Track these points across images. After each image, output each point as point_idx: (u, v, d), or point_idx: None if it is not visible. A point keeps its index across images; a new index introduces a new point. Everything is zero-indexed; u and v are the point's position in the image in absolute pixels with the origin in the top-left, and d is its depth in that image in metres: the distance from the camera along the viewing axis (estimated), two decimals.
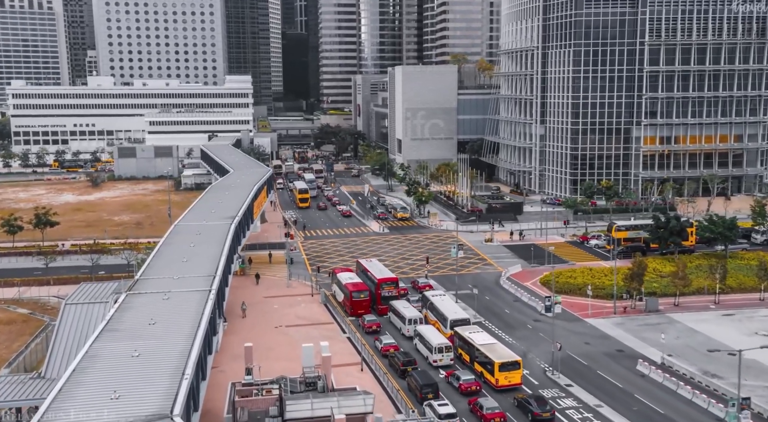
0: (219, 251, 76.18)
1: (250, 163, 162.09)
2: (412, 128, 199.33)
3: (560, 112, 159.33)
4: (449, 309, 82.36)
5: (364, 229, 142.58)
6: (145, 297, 60.53)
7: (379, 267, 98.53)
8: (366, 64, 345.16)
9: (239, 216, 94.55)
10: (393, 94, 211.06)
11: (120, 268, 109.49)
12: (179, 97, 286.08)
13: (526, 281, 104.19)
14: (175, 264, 71.13)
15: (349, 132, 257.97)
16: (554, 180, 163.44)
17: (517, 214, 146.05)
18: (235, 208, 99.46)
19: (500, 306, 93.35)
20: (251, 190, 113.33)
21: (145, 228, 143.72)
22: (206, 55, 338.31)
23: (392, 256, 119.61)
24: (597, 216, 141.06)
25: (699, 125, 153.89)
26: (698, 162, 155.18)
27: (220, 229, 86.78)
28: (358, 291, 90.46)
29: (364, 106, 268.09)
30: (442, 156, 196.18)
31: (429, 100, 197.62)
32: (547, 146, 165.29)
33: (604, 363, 74.62)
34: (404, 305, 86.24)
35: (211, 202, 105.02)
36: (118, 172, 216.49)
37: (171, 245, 79.31)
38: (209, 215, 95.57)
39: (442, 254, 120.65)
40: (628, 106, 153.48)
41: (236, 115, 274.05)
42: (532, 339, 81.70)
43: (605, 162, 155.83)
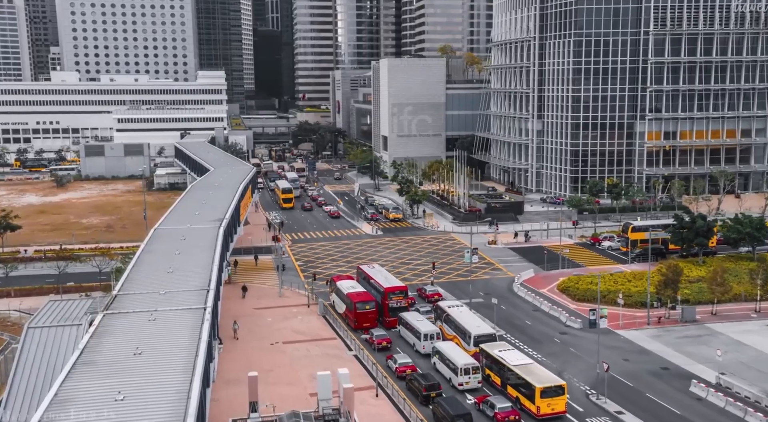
0: (209, 259, 65.77)
1: (231, 161, 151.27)
2: (399, 124, 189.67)
3: (559, 106, 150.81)
4: (471, 322, 72.76)
5: (355, 231, 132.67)
6: (126, 319, 50.03)
7: (384, 274, 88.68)
8: (342, 60, 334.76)
9: (227, 219, 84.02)
10: (377, 89, 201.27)
11: (91, 277, 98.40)
12: (149, 93, 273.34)
13: (542, 287, 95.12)
14: (159, 275, 60.59)
15: (329, 129, 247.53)
16: (553, 178, 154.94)
17: (518, 214, 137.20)
18: (221, 210, 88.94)
19: (520, 317, 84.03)
20: (237, 189, 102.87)
21: (117, 232, 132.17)
22: (176, 50, 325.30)
23: (390, 261, 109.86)
24: (602, 216, 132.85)
25: (705, 119, 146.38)
26: (705, 158, 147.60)
27: (208, 234, 76.27)
28: (363, 301, 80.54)
29: (344, 102, 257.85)
30: (430, 153, 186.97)
31: (416, 95, 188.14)
32: (544, 142, 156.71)
33: (651, 383, 65.57)
34: (417, 318, 76.50)
35: (193, 203, 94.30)
36: (85, 172, 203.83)
37: (152, 253, 68.59)
38: (193, 217, 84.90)
39: (445, 258, 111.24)
40: (632, 100, 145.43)
41: (209, 112, 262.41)
42: (563, 355, 72.47)
43: (607, 158, 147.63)
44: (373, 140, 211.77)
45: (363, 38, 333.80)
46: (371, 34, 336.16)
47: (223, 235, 76.38)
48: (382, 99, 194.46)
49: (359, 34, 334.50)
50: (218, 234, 76.38)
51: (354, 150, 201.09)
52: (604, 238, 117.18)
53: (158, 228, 79.90)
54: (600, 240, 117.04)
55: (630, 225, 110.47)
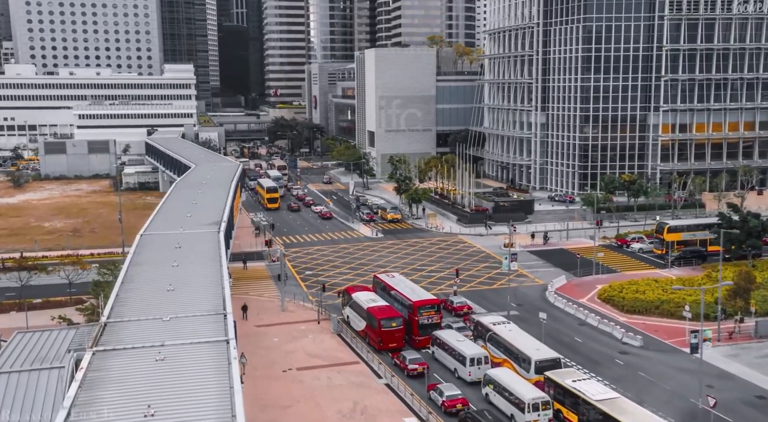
0: (216, 272, 53.14)
1: (213, 157, 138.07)
2: (387, 119, 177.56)
3: (566, 97, 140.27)
4: (527, 344, 61.10)
5: (352, 234, 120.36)
6: (125, 358, 37.29)
7: (409, 284, 76.69)
8: (315, 55, 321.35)
9: (225, 222, 71.18)
10: (362, 82, 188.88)
11: (58, 289, 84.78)
12: (112, 87, 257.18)
13: (580, 297, 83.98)
14: (157, 295, 47.82)
15: (306, 125, 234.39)
16: (558, 174, 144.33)
17: (528, 214, 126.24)
18: (216, 211, 76.15)
19: (566, 333, 72.65)
20: (229, 187, 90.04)
21: (85, 237, 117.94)
22: (140, 43, 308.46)
23: (400, 267, 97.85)
24: (618, 215, 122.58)
25: (722, 111, 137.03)
26: (722, 152, 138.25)
27: (207, 240, 63.51)
28: (388, 318, 68.43)
29: (321, 97, 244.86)
30: (420, 149, 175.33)
31: (405, 87, 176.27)
32: (549, 136, 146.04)
33: (752, 418, 54.65)
34: (457, 337, 64.66)
35: (181, 204, 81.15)
36: (45, 171, 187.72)
37: (143, 265, 55.57)
38: (185, 220, 71.88)
39: (461, 263, 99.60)
40: (644, 90, 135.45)
41: (178, 107, 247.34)
42: (633, 381, 61.17)
43: (618, 153, 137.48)
44: (357, 136, 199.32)
45: (336, 32, 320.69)
46: (345, 27, 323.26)
47: (224, 242, 63.56)
48: (368, 92, 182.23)
49: (332, 28, 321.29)
50: (219, 240, 63.66)
51: (337, 146, 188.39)
52: (632, 240, 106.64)
53: (145, 233, 66.76)
54: (628, 241, 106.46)
55: (666, 226, 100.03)
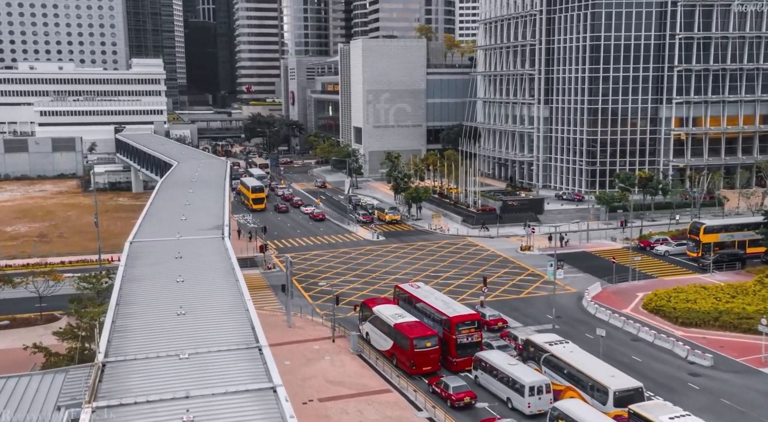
0: (234, 289, 42.72)
1: (195, 153, 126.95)
2: (375, 114, 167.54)
3: (572, 89, 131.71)
4: (599, 369, 51.65)
5: (351, 237, 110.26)
6: (137, 419, 26.72)
7: (440, 296, 66.87)
8: (288, 50, 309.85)
9: (228, 225, 60.65)
10: (347, 75, 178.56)
11: (27, 305, 73.50)
12: (76, 82, 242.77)
13: (623, 306, 74.93)
14: (167, 321, 37.39)
15: (285, 122, 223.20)
16: (564, 171, 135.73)
17: (538, 214, 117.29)
18: (215, 213, 65.62)
19: (620, 350, 63.33)
20: (223, 186, 79.35)
21: (54, 243, 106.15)
22: (104, 37, 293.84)
23: (412, 274, 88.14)
24: (636, 214, 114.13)
25: (737, 103, 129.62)
26: (737, 147, 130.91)
27: (212, 248, 53.10)
28: (422, 337, 58.54)
29: (299, 93, 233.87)
30: (410, 146, 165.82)
31: (394, 81, 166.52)
32: (553, 131, 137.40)
33: None
34: (509, 360, 55.00)
35: (173, 206, 70.22)
36: (5, 170, 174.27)
37: (140, 281, 44.93)
38: (181, 225, 61.14)
39: (478, 268, 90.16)
40: (656, 81, 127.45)
41: (147, 103, 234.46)
42: (723, 412, 51.98)
43: (628, 148, 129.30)
44: (342, 133, 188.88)
45: (311, 27, 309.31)
46: (319, 22, 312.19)
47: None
48: (355, 86, 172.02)
49: (306, 23, 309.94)
50: (227, 247, 53.20)
51: (321, 144, 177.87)
52: (656, 241, 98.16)
53: (135, 241, 55.93)
54: (652, 243, 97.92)
55: (702, 226, 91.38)
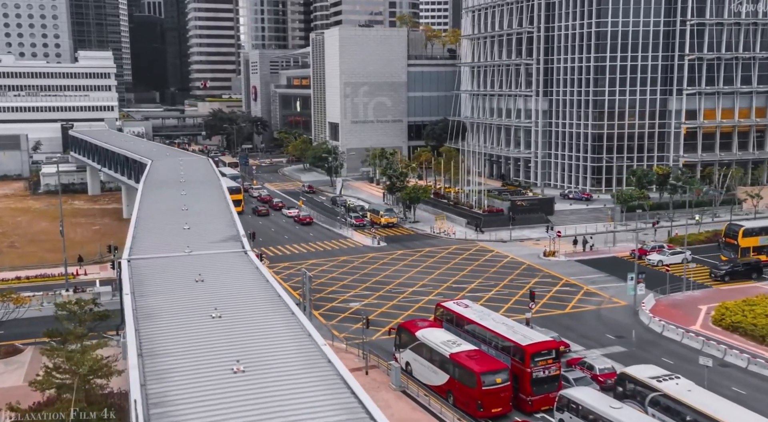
0: (301, 334, 30.78)
1: (168, 150, 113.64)
2: (353, 108, 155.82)
3: (574, 79, 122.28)
4: (735, 416, 41.15)
5: (347, 243, 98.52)
6: None
7: (500, 318, 55.79)
8: (243, 44, 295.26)
9: (245, 235, 48.55)
10: (321, 67, 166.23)
11: None
12: (17, 76, 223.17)
13: (688, 322, 64.99)
14: (222, 381, 25.11)
15: (248, 119, 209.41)
16: (565, 168, 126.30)
17: (548, 215, 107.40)
18: (222, 220, 53.54)
19: (715, 380, 52.90)
20: (220, 186, 67.16)
21: (4, 254, 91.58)
22: (46, 28, 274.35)
23: (431, 286, 77.24)
24: (653, 214, 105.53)
25: (750, 94, 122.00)
26: (749, 141, 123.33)
27: (239, 267, 40.98)
28: (491, 371, 47.40)
29: (262, 88, 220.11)
30: (390, 143, 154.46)
31: (373, 73, 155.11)
32: (553, 125, 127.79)
33: None
34: (610, 403, 43.99)
35: (167, 212, 57.43)
36: None
37: (159, 319, 32.66)
38: (186, 236, 48.80)
39: (504, 278, 79.44)
40: (665, 71, 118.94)
41: (96, 99, 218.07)
42: None
43: (636, 143, 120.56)
44: (314, 129, 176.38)
45: (267, 20, 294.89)
46: (277, 14, 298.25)
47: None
48: (330, 78, 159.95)
49: (263, 15, 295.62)
50: (258, 266, 41.26)
51: (293, 141, 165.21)
52: (652, 249, 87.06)
53: (133, 258, 43.34)
54: (647, 251, 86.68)
55: (741, 228, 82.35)
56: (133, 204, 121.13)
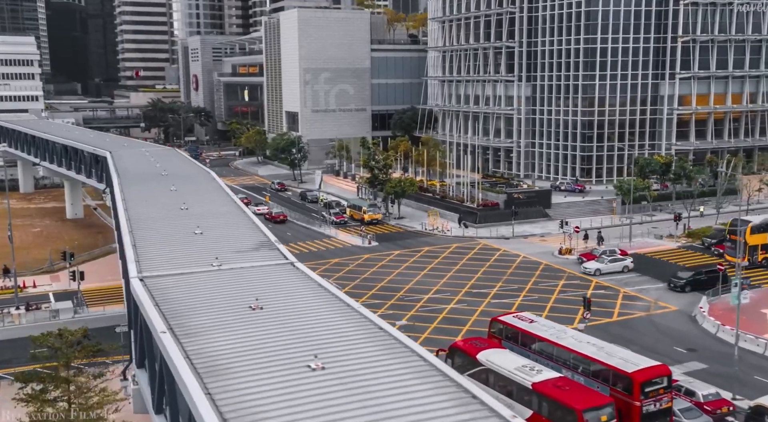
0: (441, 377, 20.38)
1: (122, 140, 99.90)
2: (314, 96, 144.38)
3: (561, 63, 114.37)
4: None
5: (334, 243, 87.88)
6: None
7: (580, 336, 46.18)
8: (177, 31, 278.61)
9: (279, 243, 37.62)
10: (277, 52, 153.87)
11: None
12: None
13: (759, 329, 56.93)
14: None
15: (192, 109, 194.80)
16: (551, 158, 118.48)
17: (546, 208, 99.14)
18: (240, 222, 42.44)
19: None
20: (215, 179, 55.62)
21: None
22: None
23: (448, 292, 67.95)
24: (655, 205, 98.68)
25: (741, 79, 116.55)
26: (747, 128, 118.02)
27: (297, 284, 30.45)
28: (595, 407, 37.67)
29: (204, 76, 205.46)
30: (353, 133, 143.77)
31: (334, 58, 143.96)
32: (537, 112, 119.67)
33: None
34: None
35: (165, 213, 45.54)
36: None
37: (231, 375, 21.64)
38: (204, 243, 37.64)
39: (526, 281, 70.34)
40: (657, 54, 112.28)
41: (18, 88, 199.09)
42: None
43: (627, 131, 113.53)
44: (269, 119, 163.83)
45: (203, 6, 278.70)
46: (212, 0, 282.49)
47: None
48: (288, 64, 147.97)
49: (197, 1, 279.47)
50: (321, 283, 30.76)
51: (246, 132, 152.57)
52: (602, 254, 75.82)
53: (148, 276, 31.95)
54: (596, 257, 75.23)
55: (749, 224, 72.41)
56: (78, 202, 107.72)
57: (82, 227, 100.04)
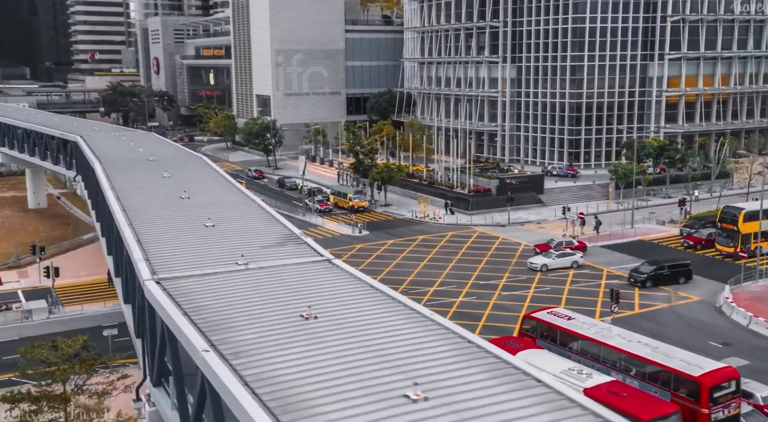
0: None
1: (95, 125, 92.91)
2: (286, 79, 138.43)
3: (547, 44, 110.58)
4: None
5: (321, 232, 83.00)
6: None
7: (628, 334, 42.20)
8: (134, 12, 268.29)
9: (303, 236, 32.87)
10: (246, 33, 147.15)
11: None
12: None
13: None
14: None
15: (154, 93, 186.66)
16: (537, 141, 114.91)
17: (539, 193, 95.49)
18: (253, 213, 37.53)
19: None
20: (210, 166, 50.61)
21: None
22: None
23: (453, 284, 63.71)
24: (649, 190, 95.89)
25: (729, 60, 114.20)
26: (736, 110, 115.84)
27: (345, 287, 25.76)
28: (661, 417, 33.82)
29: (166, 59, 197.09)
30: (328, 117, 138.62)
31: (307, 39, 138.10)
32: (522, 95, 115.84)
33: None
34: None
35: (165, 201, 40.21)
36: None
37: (315, 412, 16.73)
38: (220, 237, 32.46)
39: (530, 272, 66.34)
40: (647, 33, 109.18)
41: None
42: None
43: (616, 113, 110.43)
44: (238, 103, 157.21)
45: None
46: None
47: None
48: (259, 46, 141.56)
49: None
50: (372, 284, 26.29)
51: (214, 117, 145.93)
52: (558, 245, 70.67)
53: (164, 277, 26.76)
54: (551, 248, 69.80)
55: (742, 211, 69.19)
56: (42, 191, 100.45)
57: (47, 217, 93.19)
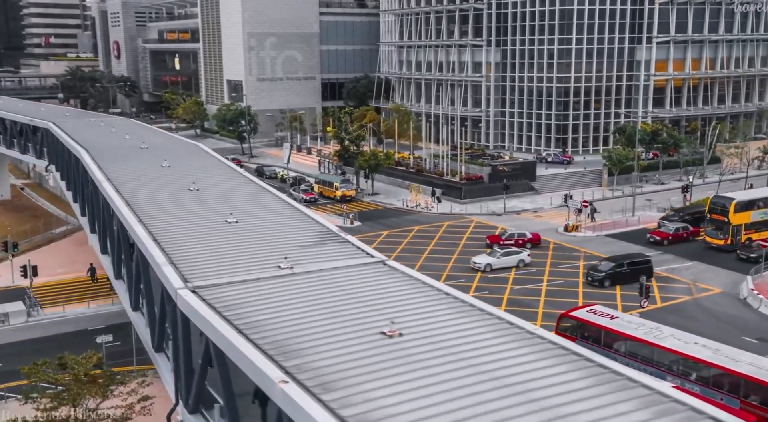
0: None
1: (66, 110, 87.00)
2: (259, 63, 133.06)
3: (533, 26, 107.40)
4: None
5: None
6: None
7: (682, 334, 39.13)
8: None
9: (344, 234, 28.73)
10: (216, 15, 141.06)
11: None
12: None
13: None
14: None
15: (116, 78, 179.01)
16: (523, 127, 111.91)
17: (531, 181, 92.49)
18: (277, 207, 33.19)
19: None
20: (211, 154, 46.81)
21: None
22: None
23: (462, 278, 59.69)
24: (642, 176, 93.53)
25: (716, 43, 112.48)
26: (723, 94, 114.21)
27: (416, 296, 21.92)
28: None
29: (127, 43, 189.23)
30: (303, 103, 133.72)
31: (280, 22, 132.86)
32: (507, 79, 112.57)
33: None
34: None
35: (176, 195, 35.60)
36: None
37: None
38: (251, 237, 28.09)
39: (541, 264, 63.19)
40: (634, 16, 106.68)
41: None
42: None
43: (604, 98, 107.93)
44: (207, 89, 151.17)
45: None
46: None
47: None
48: (230, 28, 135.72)
49: None
50: (441, 289, 22.41)
51: (183, 103, 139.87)
52: (509, 237, 67.34)
53: (201, 286, 22.47)
54: (502, 240, 66.94)
55: (733, 201, 65.91)
56: (5, 182, 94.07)
57: (12, 210, 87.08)
